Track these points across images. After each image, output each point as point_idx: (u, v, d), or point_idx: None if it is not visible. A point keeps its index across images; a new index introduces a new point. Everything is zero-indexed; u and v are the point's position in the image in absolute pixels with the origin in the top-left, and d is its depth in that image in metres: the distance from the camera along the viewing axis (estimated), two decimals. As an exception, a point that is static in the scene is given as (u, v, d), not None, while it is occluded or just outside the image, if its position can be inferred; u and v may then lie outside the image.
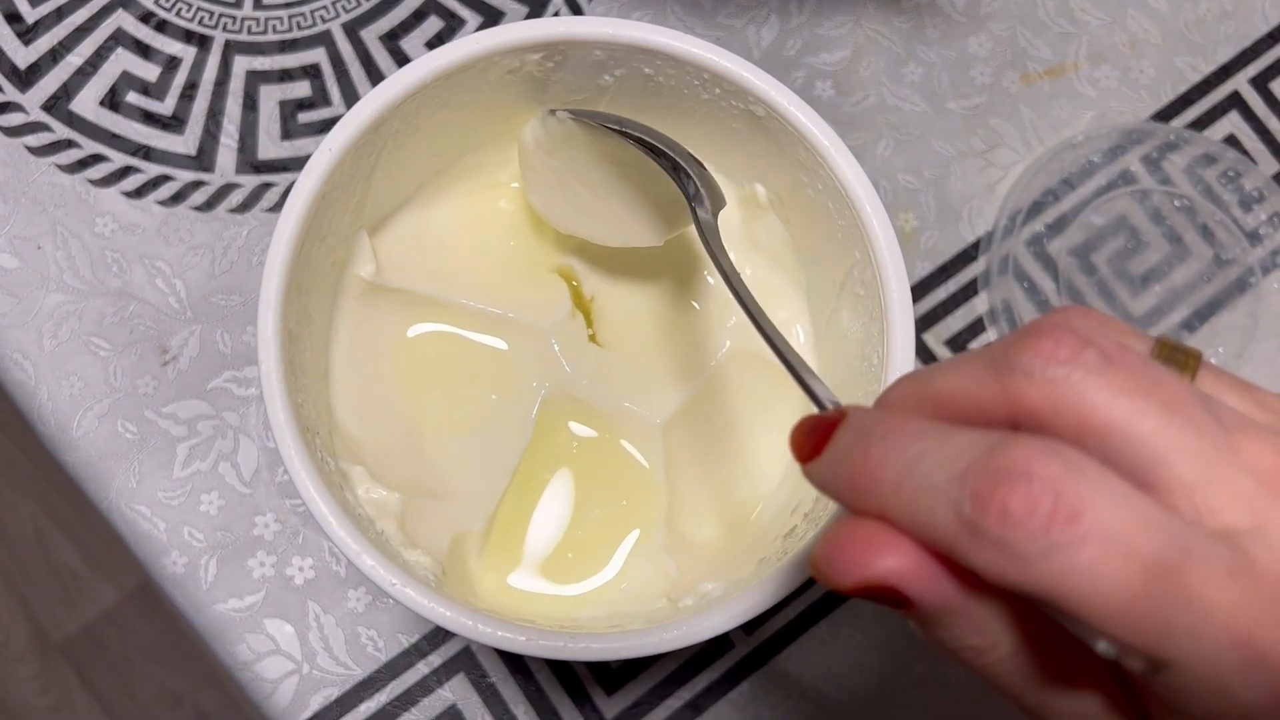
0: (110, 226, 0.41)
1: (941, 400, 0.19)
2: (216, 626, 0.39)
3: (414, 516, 0.31)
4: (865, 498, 0.19)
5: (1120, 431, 0.17)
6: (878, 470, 0.18)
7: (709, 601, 0.28)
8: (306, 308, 0.30)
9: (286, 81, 0.43)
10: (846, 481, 0.19)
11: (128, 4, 0.43)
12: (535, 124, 0.34)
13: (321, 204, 0.29)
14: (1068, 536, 0.16)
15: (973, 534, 0.17)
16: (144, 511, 0.39)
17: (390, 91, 0.30)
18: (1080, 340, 0.18)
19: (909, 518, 0.18)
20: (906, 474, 0.18)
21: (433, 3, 0.44)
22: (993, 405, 0.18)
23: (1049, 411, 0.18)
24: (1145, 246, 0.44)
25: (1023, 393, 0.18)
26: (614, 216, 0.34)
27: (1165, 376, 0.18)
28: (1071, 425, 0.18)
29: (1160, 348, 0.20)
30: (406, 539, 0.31)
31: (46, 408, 0.40)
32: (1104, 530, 0.16)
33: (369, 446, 0.33)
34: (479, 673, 0.39)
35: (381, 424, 0.33)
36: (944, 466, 0.17)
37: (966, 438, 0.18)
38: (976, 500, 0.17)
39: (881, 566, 0.18)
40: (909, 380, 0.20)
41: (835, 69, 0.45)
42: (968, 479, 0.17)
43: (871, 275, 0.30)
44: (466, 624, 0.26)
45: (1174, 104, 0.46)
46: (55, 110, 0.42)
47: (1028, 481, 0.16)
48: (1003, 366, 0.18)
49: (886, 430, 0.19)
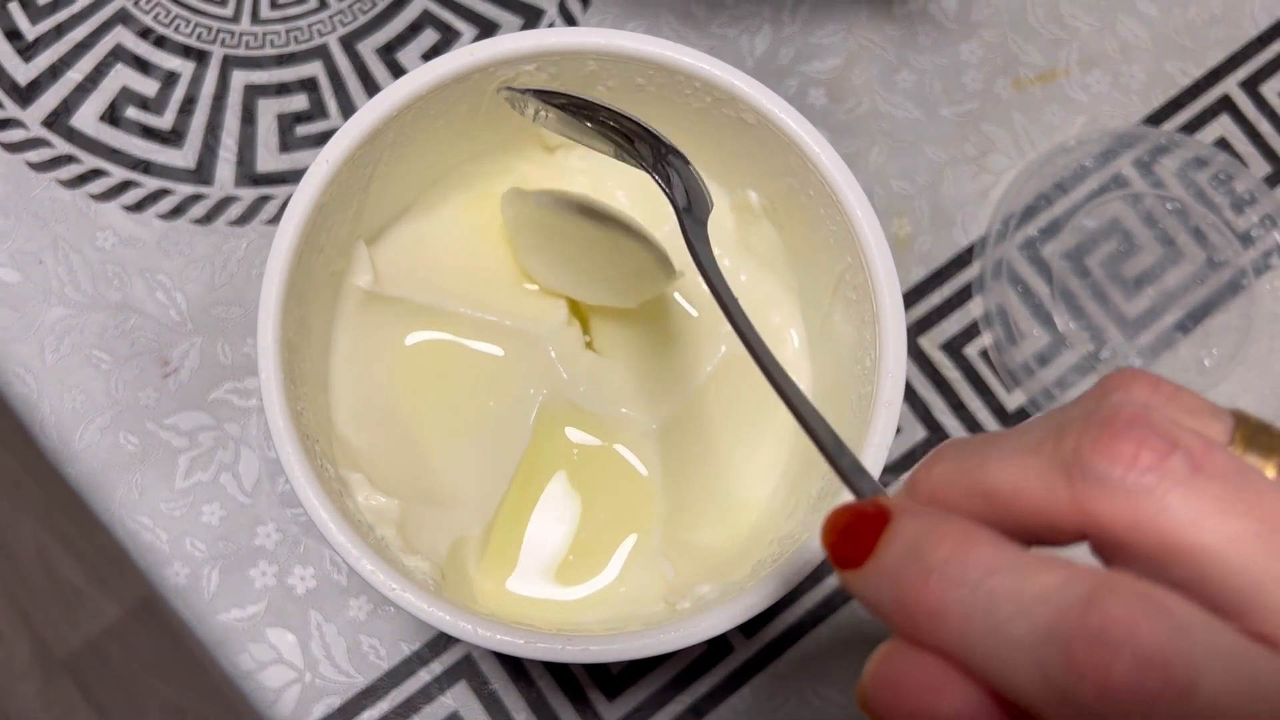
0: (111, 240, 0.41)
1: (998, 497, 0.17)
2: (219, 636, 0.39)
3: (413, 523, 0.32)
4: (924, 633, 0.16)
5: (1213, 558, 0.15)
6: (939, 604, 0.16)
7: (705, 603, 0.28)
8: (305, 317, 0.30)
9: (284, 95, 0.43)
10: (897, 606, 0.17)
11: (127, 20, 0.43)
12: (508, 201, 0.35)
13: (319, 215, 0.30)
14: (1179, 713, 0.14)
15: (1064, 701, 0.15)
16: (146, 523, 0.39)
17: (386, 103, 0.30)
18: (1165, 443, 0.16)
19: (981, 666, 0.16)
20: (978, 618, 0.16)
21: (429, 16, 0.44)
22: (1061, 515, 0.16)
23: (1128, 528, 0.16)
24: (1138, 249, 0.45)
25: (1099, 505, 0.16)
26: (590, 282, 0.36)
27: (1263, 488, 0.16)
28: (1154, 545, 0.16)
29: (1242, 428, 0.17)
30: (406, 545, 0.31)
31: (49, 421, 0.40)
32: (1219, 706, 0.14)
33: (368, 454, 0.33)
34: (480, 680, 0.39)
35: (380, 431, 0.34)
36: (1026, 616, 0.15)
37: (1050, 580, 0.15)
38: (1071, 667, 0.15)
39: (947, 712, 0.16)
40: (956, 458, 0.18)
41: (828, 77, 0.46)
42: (1057, 638, 0.15)
43: (863, 279, 0.30)
44: (465, 628, 0.26)
45: (1165, 108, 0.46)
46: (56, 126, 0.42)
47: (1133, 647, 0.14)
48: (1074, 470, 0.16)
49: (946, 556, 0.16)
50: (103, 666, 0.97)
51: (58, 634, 0.97)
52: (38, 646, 0.97)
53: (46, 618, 0.97)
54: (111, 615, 0.98)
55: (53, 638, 0.97)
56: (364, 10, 0.44)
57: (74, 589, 0.98)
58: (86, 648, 0.97)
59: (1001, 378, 0.43)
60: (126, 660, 0.97)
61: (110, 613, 0.98)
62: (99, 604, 0.98)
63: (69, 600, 0.98)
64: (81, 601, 0.98)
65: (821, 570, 0.41)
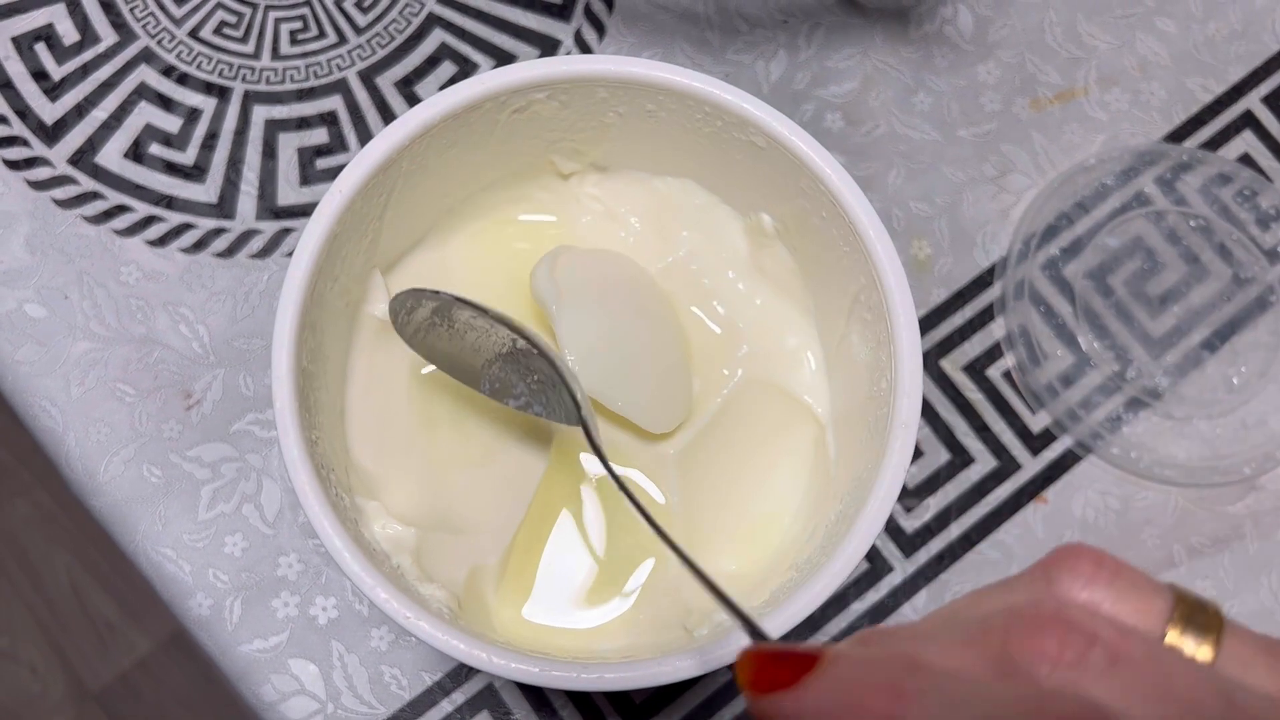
0: (135, 275, 0.42)
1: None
2: (242, 667, 0.39)
3: (430, 551, 0.32)
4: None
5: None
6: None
7: (724, 630, 0.28)
8: (321, 346, 0.30)
9: (304, 129, 0.44)
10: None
11: (150, 59, 0.44)
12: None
13: (333, 244, 0.30)
14: None
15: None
16: (169, 554, 0.39)
17: (398, 133, 0.30)
18: (1084, 638, 0.17)
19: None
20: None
21: (446, 48, 0.45)
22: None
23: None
24: (1162, 267, 0.44)
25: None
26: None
27: (1176, 672, 0.17)
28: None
29: (1180, 606, 0.18)
30: (423, 573, 0.31)
31: (74, 453, 0.40)
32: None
33: (384, 482, 0.33)
34: (502, 710, 0.39)
35: (397, 459, 0.34)
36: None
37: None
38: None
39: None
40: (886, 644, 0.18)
41: (844, 100, 0.46)
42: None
43: (877, 299, 0.30)
44: (481, 656, 0.26)
45: (1186, 124, 0.46)
46: (81, 164, 0.43)
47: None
48: (1003, 663, 0.17)
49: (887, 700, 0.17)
50: (134, 700, 0.97)
51: (90, 668, 0.98)
52: (71, 680, 0.97)
53: (79, 651, 0.98)
54: (143, 649, 0.98)
55: (85, 671, 0.98)
56: (382, 44, 0.45)
57: (106, 623, 0.99)
58: (118, 681, 0.98)
59: (1025, 399, 0.43)
60: (157, 694, 0.97)
61: (141, 646, 0.98)
62: (130, 638, 0.98)
63: (101, 634, 0.98)
64: (113, 635, 0.98)
65: (846, 596, 0.40)
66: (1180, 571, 0.41)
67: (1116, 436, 0.42)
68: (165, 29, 0.44)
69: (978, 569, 0.41)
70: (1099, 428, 0.42)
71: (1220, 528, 0.42)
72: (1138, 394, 0.42)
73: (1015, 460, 0.42)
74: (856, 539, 0.28)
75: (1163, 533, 0.41)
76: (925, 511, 0.41)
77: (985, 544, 0.41)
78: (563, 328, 0.34)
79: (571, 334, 0.34)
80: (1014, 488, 0.42)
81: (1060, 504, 0.42)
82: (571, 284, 0.34)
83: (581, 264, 0.34)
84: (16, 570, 1.00)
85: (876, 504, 0.28)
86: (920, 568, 0.41)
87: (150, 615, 0.99)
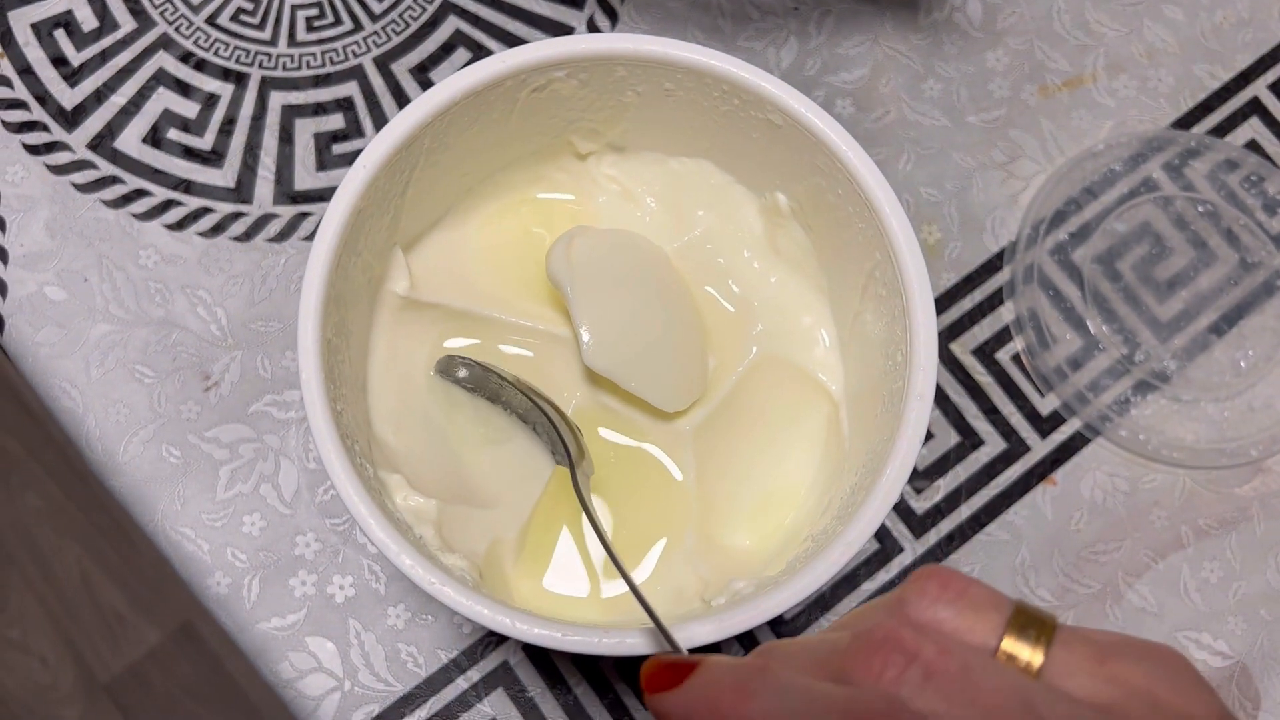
0: (153, 258, 0.42)
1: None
2: (259, 645, 0.39)
3: (451, 523, 0.32)
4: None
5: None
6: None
7: (741, 598, 0.28)
8: (345, 320, 0.31)
9: (321, 115, 0.44)
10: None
11: (168, 45, 0.44)
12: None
13: (357, 219, 0.30)
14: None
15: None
16: (188, 534, 0.40)
17: (422, 110, 0.31)
18: (905, 657, 0.19)
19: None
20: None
21: (461, 35, 0.45)
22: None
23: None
24: (1170, 252, 0.45)
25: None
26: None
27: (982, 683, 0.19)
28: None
29: (1017, 618, 0.21)
30: (444, 544, 0.31)
31: (94, 434, 0.41)
32: None
33: (405, 456, 0.33)
34: (518, 687, 0.39)
35: (418, 434, 0.34)
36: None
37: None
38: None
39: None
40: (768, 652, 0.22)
41: (855, 87, 0.46)
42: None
43: (892, 274, 0.30)
44: (505, 622, 0.27)
45: (1194, 111, 0.46)
46: (100, 149, 0.43)
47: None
48: (840, 679, 0.20)
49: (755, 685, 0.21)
50: (144, 691, 0.98)
51: (100, 659, 0.98)
52: (81, 671, 0.98)
53: (89, 643, 0.98)
54: (152, 640, 0.99)
55: (95, 663, 0.98)
56: (397, 31, 0.45)
57: (116, 614, 0.99)
58: (128, 672, 0.98)
59: (1034, 382, 0.43)
60: (167, 684, 0.98)
61: (151, 637, 0.99)
62: (140, 629, 0.99)
63: (111, 625, 0.99)
64: (123, 626, 0.99)
65: (856, 576, 0.41)
66: (1188, 553, 0.42)
67: (1125, 419, 0.42)
68: (183, 15, 0.45)
69: (987, 550, 0.41)
70: (1107, 410, 0.42)
71: (1227, 509, 0.42)
72: (1146, 377, 0.43)
73: (1024, 442, 0.42)
74: (872, 509, 0.28)
75: (1170, 514, 0.42)
76: (935, 493, 0.42)
77: (994, 525, 0.42)
78: (577, 309, 0.34)
79: (585, 315, 0.34)
80: (1023, 469, 0.42)
81: (1069, 486, 0.42)
82: (586, 265, 0.34)
83: (597, 244, 0.35)
84: (27, 562, 1.00)
85: (892, 474, 0.28)
86: (930, 548, 0.41)
87: (160, 606, 0.99)
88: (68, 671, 0.98)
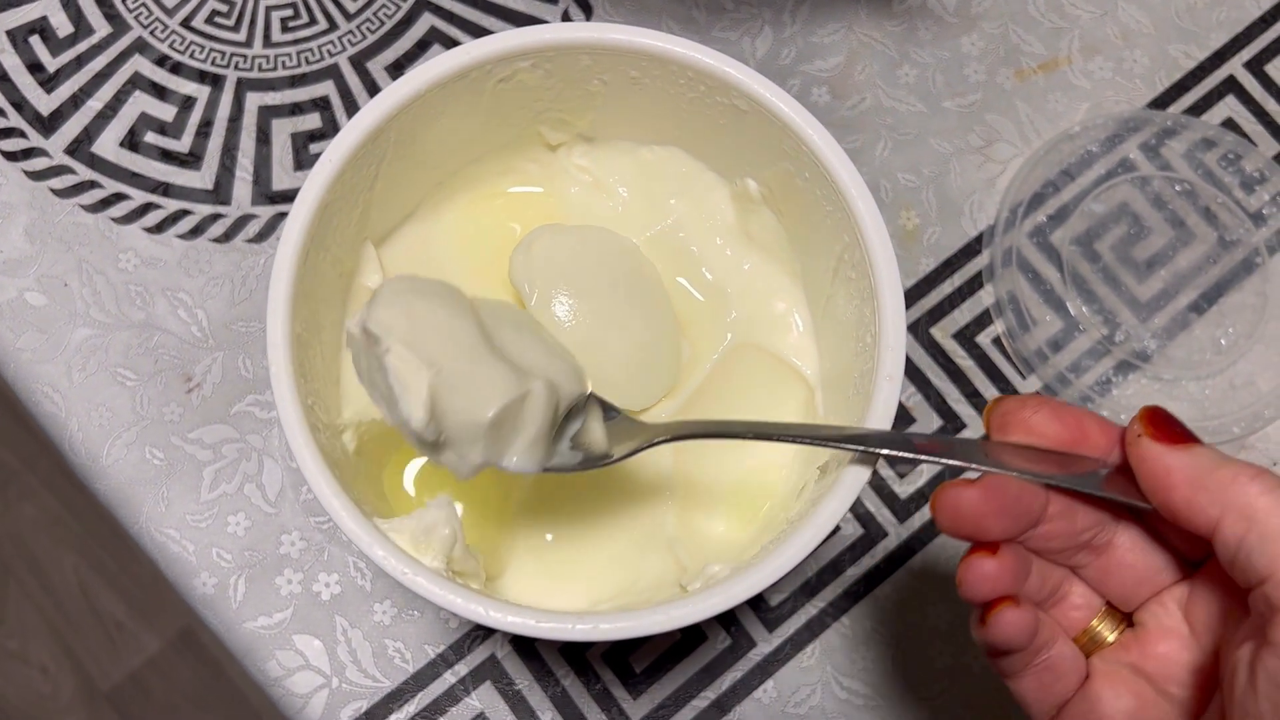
0: (133, 262, 0.43)
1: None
2: (247, 644, 0.39)
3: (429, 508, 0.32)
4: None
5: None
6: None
7: (715, 582, 0.29)
8: (315, 315, 0.31)
9: (297, 114, 0.44)
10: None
11: (144, 49, 0.45)
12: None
13: (324, 215, 0.30)
14: None
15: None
16: (173, 535, 0.40)
17: (386, 103, 0.31)
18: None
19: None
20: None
21: (436, 32, 0.45)
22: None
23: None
24: (1148, 232, 0.45)
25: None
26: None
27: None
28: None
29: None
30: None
31: (77, 438, 0.41)
32: None
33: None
34: (505, 680, 0.39)
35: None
36: None
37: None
38: None
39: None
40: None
41: (830, 75, 0.46)
42: None
43: (860, 257, 0.31)
44: (478, 610, 0.27)
45: (1169, 91, 0.47)
46: (78, 153, 0.43)
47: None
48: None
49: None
50: (144, 699, 0.98)
51: (100, 667, 0.98)
52: (81, 680, 0.98)
53: (89, 651, 0.99)
54: (152, 647, 0.99)
55: (95, 671, 0.98)
56: (372, 30, 0.45)
57: (115, 622, 0.99)
58: (128, 680, 0.98)
59: (1016, 364, 0.43)
60: (168, 692, 0.98)
61: (151, 645, 0.99)
62: (140, 636, 0.99)
63: (110, 633, 0.99)
64: (123, 634, 0.99)
65: (841, 562, 0.41)
66: (1172, 530, 0.42)
67: (1106, 399, 0.42)
68: (158, 19, 0.45)
69: (971, 532, 0.41)
70: (1089, 391, 0.42)
71: (1211, 487, 0.42)
72: (1127, 357, 0.43)
73: (1007, 425, 0.42)
74: (842, 491, 0.28)
75: (1154, 493, 0.42)
76: (919, 477, 0.42)
77: (978, 508, 0.42)
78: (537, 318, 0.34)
79: (545, 323, 0.34)
80: (1006, 452, 0.42)
81: (1052, 467, 0.42)
82: (547, 270, 0.34)
83: (559, 246, 0.35)
84: (25, 572, 1.00)
85: (862, 455, 0.28)
86: (914, 532, 0.41)
87: (159, 614, 1.00)
88: (68, 681, 0.98)
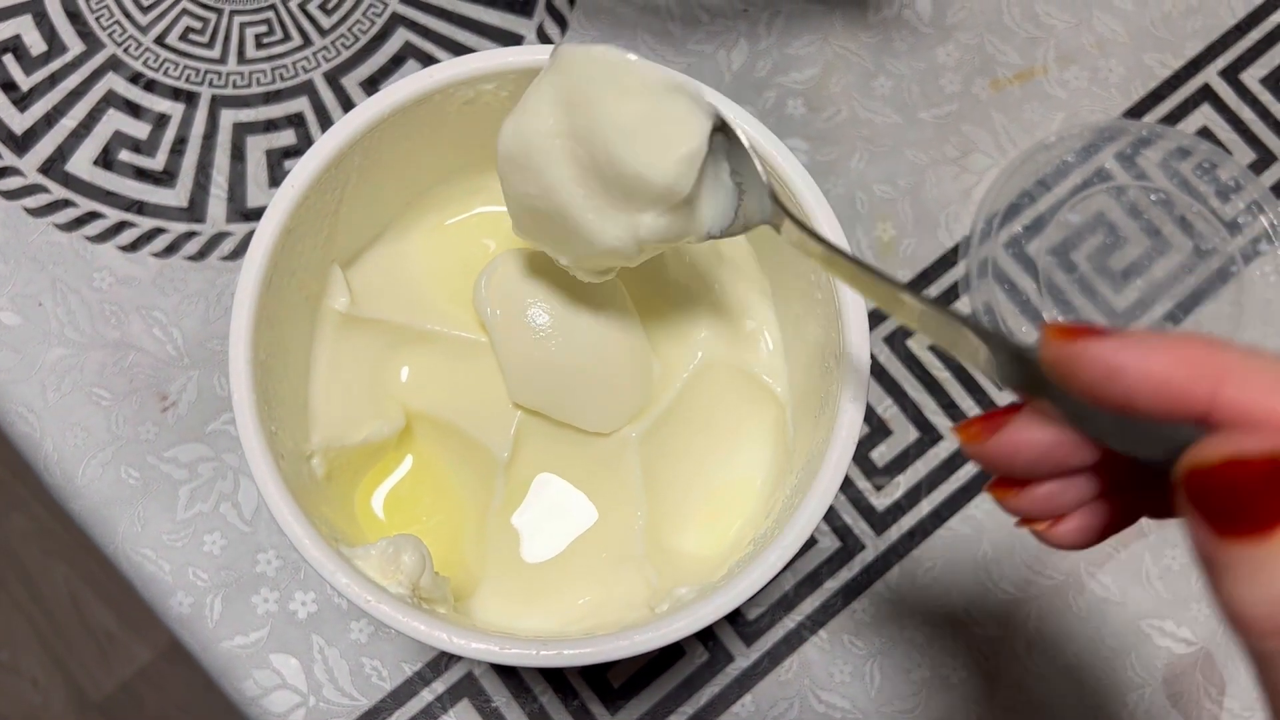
0: (108, 280, 0.43)
1: None
2: (223, 664, 0.39)
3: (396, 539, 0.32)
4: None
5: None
6: None
7: (682, 604, 0.29)
8: (281, 340, 0.31)
9: (272, 131, 0.44)
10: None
11: (117, 66, 0.44)
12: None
13: (288, 239, 0.30)
14: None
15: None
16: (149, 554, 0.40)
17: (348, 129, 0.31)
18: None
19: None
20: None
21: (410, 47, 0.45)
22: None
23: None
24: (1124, 242, 0.45)
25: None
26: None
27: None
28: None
29: None
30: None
31: (52, 458, 0.41)
32: None
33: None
34: (483, 698, 0.39)
35: (360, 448, 0.34)
36: None
37: None
38: None
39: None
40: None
41: (806, 87, 0.46)
42: None
43: (826, 277, 0.30)
44: (441, 636, 0.27)
45: (1145, 100, 0.47)
46: (52, 172, 0.43)
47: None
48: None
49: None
50: (136, 709, 0.98)
51: (91, 678, 0.98)
52: (72, 691, 0.98)
53: (80, 662, 0.99)
54: (143, 658, 0.99)
55: (87, 682, 0.98)
56: (346, 45, 0.45)
57: (106, 633, 0.99)
58: (120, 691, 0.98)
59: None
60: (160, 702, 0.98)
61: (142, 655, 0.99)
62: (130, 647, 0.99)
63: (101, 644, 0.99)
64: (114, 645, 0.99)
65: (819, 575, 0.41)
66: (1149, 541, 0.42)
67: (1083, 410, 0.42)
68: (131, 36, 0.45)
69: (949, 544, 0.41)
70: (1065, 402, 0.42)
71: (1188, 497, 0.42)
72: (1103, 367, 0.43)
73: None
74: (808, 512, 0.28)
75: (1131, 503, 0.42)
76: (896, 489, 0.42)
77: (955, 519, 0.42)
78: (499, 347, 0.34)
79: (507, 352, 0.34)
80: (983, 463, 0.42)
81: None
82: (510, 296, 0.34)
83: (522, 271, 0.35)
84: (15, 583, 1.00)
85: (827, 477, 0.28)
86: (892, 544, 0.41)
87: (150, 624, 0.99)
88: (59, 692, 0.98)
